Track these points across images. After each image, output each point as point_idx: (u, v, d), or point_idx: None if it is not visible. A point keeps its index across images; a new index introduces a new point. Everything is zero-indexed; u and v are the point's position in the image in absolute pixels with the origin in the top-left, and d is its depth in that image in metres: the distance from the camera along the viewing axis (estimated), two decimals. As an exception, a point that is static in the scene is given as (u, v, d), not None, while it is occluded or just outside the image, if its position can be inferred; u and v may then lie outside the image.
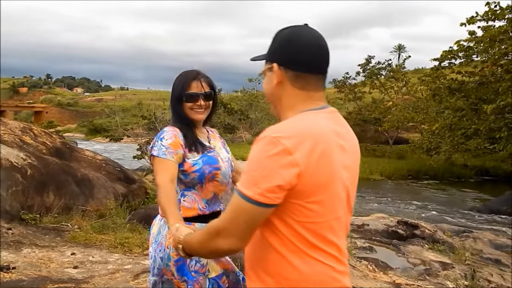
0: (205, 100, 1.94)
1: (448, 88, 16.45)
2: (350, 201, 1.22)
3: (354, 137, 1.27)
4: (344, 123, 1.24)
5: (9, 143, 5.93)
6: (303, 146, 1.06)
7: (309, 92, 1.19)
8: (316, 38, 1.19)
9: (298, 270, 1.11)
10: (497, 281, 4.88)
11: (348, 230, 1.27)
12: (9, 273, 3.55)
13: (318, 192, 1.09)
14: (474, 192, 17.44)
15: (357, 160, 1.25)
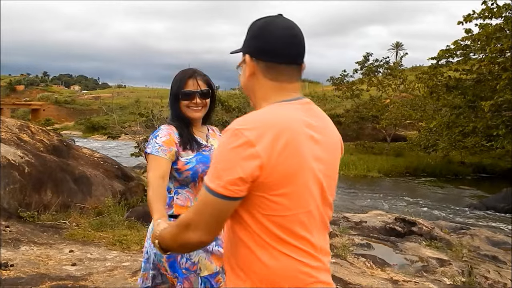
0: (202, 98, 1.93)
1: (446, 85, 16.47)
2: (326, 195, 1.17)
3: (334, 130, 1.24)
4: (321, 115, 1.21)
5: (6, 141, 5.92)
6: (265, 137, 1.03)
7: (282, 83, 1.17)
8: (288, 28, 1.17)
9: (265, 264, 1.10)
10: (494, 278, 4.90)
11: (328, 226, 1.22)
12: (8, 270, 3.55)
13: (283, 185, 1.06)
14: (471, 189, 17.49)
15: (335, 153, 1.22)
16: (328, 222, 1.22)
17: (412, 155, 23.91)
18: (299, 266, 1.10)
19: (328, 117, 1.26)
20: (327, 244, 1.22)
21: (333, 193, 1.23)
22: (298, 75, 1.20)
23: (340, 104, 35.78)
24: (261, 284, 1.11)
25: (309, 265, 1.12)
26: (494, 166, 21.53)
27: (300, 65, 1.19)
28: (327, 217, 1.20)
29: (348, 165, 21.04)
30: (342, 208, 11.82)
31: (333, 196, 1.23)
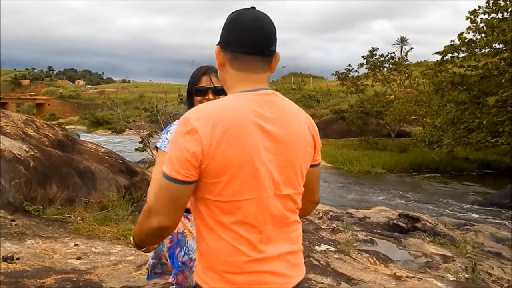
0: (215, 94, 1.93)
1: (451, 82, 16.37)
2: (280, 186, 1.17)
3: (298, 123, 1.23)
4: (281, 107, 1.20)
5: (11, 135, 5.95)
6: (207, 125, 1.08)
7: (246, 74, 1.19)
8: (255, 19, 1.18)
9: (209, 247, 1.16)
10: (497, 274, 4.90)
11: (291, 218, 1.22)
12: (13, 263, 3.59)
13: (224, 171, 1.10)
14: (476, 186, 17.43)
15: (294, 145, 1.19)
16: (289, 214, 1.21)
17: (417, 151, 23.83)
18: (235, 252, 1.14)
19: (300, 110, 1.27)
20: (288, 236, 1.22)
21: (294, 186, 1.21)
22: (265, 66, 1.21)
23: (345, 100, 35.67)
24: (207, 265, 1.17)
25: (245, 254, 1.14)
26: (499, 162, 21.42)
27: (267, 56, 1.21)
28: (286, 209, 1.20)
29: (352, 161, 21.00)
30: (345, 204, 11.82)
31: (296, 188, 1.22)
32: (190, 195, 1.15)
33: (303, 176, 1.23)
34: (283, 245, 1.20)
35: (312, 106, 40.78)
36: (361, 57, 29.96)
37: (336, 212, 7.56)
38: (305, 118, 1.27)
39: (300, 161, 1.21)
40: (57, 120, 30.90)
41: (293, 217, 1.23)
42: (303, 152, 1.23)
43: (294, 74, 55.15)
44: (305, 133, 1.24)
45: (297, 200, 1.24)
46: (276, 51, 1.23)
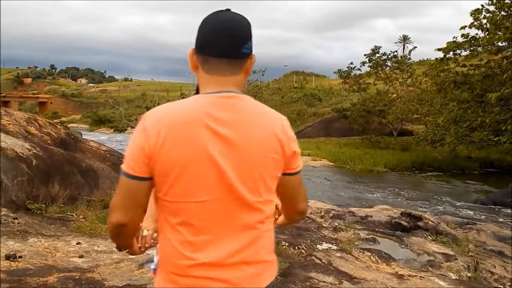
0: None
1: (454, 81, 16.33)
2: (239, 193, 1.14)
3: (259, 128, 1.16)
4: (242, 110, 1.16)
5: (14, 134, 5.96)
6: (156, 124, 1.11)
7: (214, 76, 1.18)
8: (224, 21, 1.17)
9: (161, 248, 1.19)
10: (499, 273, 4.89)
11: (249, 225, 1.17)
12: (16, 261, 3.60)
13: (170, 171, 1.11)
14: (478, 184, 17.39)
15: (251, 152, 1.14)
16: (249, 222, 1.17)
17: (419, 150, 23.79)
18: (179, 254, 1.14)
19: (268, 114, 1.20)
20: (247, 244, 1.17)
21: (256, 193, 1.16)
22: (233, 69, 1.19)
23: (347, 98, 35.64)
24: (160, 264, 1.20)
25: (189, 257, 1.13)
26: (502, 161, 21.36)
27: (235, 59, 1.18)
28: (245, 216, 1.16)
29: (354, 160, 20.98)
30: (347, 202, 11.81)
31: (259, 196, 1.17)
32: (147, 193, 1.15)
33: (266, 183, 1.17)
34: (239, 253, 1.16)
35: (314, 104, 40.76)
36: (364, 56, 29.93)
37: (338, 210, 7.56)
38: (274, 123, 1.19)
39: (261, 168, 1.16)
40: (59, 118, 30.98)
41: (256, 225, 1.18)
42: (265, 159, 1.16)
43: (296, 72, 55.06)
44: (267, 139, 1.16)
45: (262, 208, 1.18)
46: (251, 53, 1.20)
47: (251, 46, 1.19)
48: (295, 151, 1.22)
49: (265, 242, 1.21)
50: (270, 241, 1.24)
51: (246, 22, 1.20)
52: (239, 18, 1.19)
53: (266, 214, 1.20)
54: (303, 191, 1.33)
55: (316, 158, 22.07)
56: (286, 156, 1.19)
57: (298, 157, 1.24)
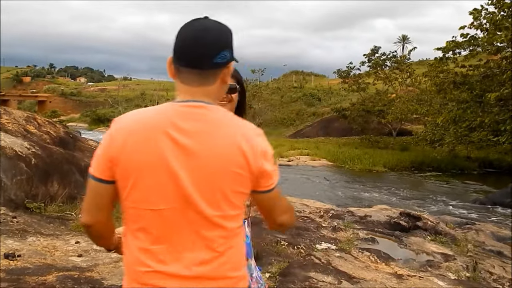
0: (227, 92, 1.93)
1: (453, 82, 16.34)
2: (196, 205, 1.11)
3: (223, 140, 1.12)
4: (208, 121, 1.13)
5: (13, 132, 5.95)
6: (120, 130, 1.13)
7: (186, 86, 1.17)
8: (194, 31, 1.14)
9: (124, 253, 1.20)
10: (498, 273, 4.89)
11: (210, 239, 1.13)
12: (15, 260, 3.59)
13: (128, 177, 1.11)
14: (477, 184, 17.41)
15: (211, 164, 1.10)
16: (208, 235, 1.13)
17: (418, 150, 23.82)
18: (137, 261, 1.14)
19: (234, 127, 1.16)
20: (207, 258, 1.13)
21: (216, 206, 1.12)
22: (203, 80, 1.16)
23: (346, 98, 35.65)
24: (125, 269, 1.20)
25: (145, 264, 1.13)
26: (501, 161, 21.40)
27: (205, 70, 1.15)
28: (204, 230, 1.12)
29: (353, 159, 21.00)
30: (346, 202, 11.82)
31: (219, 209, 1.12)
32: (110, 196, 1.16)
33: (227, 198, 1.12)
34: (199, 267, 1.12)
35: (314, 104, 40.78)
36: (363, 56, 29.95)
37: (337, 210, 7.56)
38: (240, 137, 1.13)
39: (221, 181, 1.11)
40: (58, 117, 30.99)
41: (217, 240, 1.14)
42: (225, 172, 1.11)
43: (296, 72, 55.10)
44: (229, 152, 1.11)
45: (223, 224, 1.13)
46: (226, 63, 1.17)
47: (226, 56, 1.16)
48: (266, 170, 1.15)
49: (229, 258, 1.16)
50: (236, 258, 1.19)
51: (220, 32, 1.16)
52: (213, 27, 1.15)
53: (230, 229, 1.15)
54: (282, 205, 1.27)
55: (315, 158, 22.09)
56: (253, 172, 1.13)
57: (271, 176, 1.18)
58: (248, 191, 1.17)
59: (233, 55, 1.20)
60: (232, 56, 1.19)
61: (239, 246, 1.21)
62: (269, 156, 1.17)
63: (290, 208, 1.32)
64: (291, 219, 1.32)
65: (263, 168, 1.14)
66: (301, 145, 26.25)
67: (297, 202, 7.77)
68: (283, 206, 1.27)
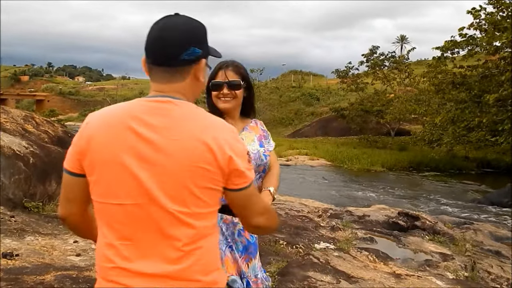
0: (230, 89, 1.92)
1: (452, 82, 16.37)
2: (159, 200, 1.08)
3: (190, 135, 1.09)
4: (175, 116, 1.12)
5: (11, 132, 5.94)
6: (89, 126, 1.15)
7: (156, 83, 1.17)
8: (160, 29, 1.15)
9: (96, 248, 1.20)
10: (497, 273, 4.90)
11: (172, 236, 1.09)
12: (13, 260, 3.58)
13: (92, 171, 1.12)
14: (475, 184, 17.44)
15: (177, 159, 1.08)
16: (173, 233, 1.09)
17: (416, 150, 23.86)
18: (103, 256, 1.14)
19: (202, 122, 1.13)
20: (170, 258, 1.10)
21: (181, 203, 1.09)
22: (171, 77, 1.16)
23: (345, 98, 35.68)
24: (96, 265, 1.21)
25: (110, 259, 1.12)
26: (499, 161, 21.45)
27: (171, 67, 1.15)
28: (168, 226, 1.09)
29: (352, 159, 21.03)
30: (345, 202, 11.83)
31: (184, 206, 1.09)
32: (81, 189, 1.17)
33: (194, 194, 1.09)
34: (164, 265, 1.09)
35: (312, 104, 40.78)
36: (361, 55, 29.99)
37: (335, 210, 7.57)
38: (208, 132, 1.11)
39: (186, 177, 1.08)
40: (56, 116, 30.91)
41: (184, 239, 1.10)
42: (190, 167, 1.08)
43: (294, 71, 55.08)
44: (195, 147, 1.08)
45: (191, 222, 1.10)
46: (196, 59, 1.16)
47: (196, 52, 1.15)
48: (237, 167, 1.11)
49: (197, 260, 1.11)
50: (205, 260, 1.13)
51: (188, 28, 1.15)
52: (180, 24, 1.15)
53: (198, 228, 1.11)
54: (258, 206, 1.22)
55: (313, 158, 22.11)
56: (222, 168, 1.10)
57: (243, 174, 1.13)
58: (219, 188, 1.13)
59: (207, 51, 1.20)
60: (206, 52, 1.20)
61: (211, 248, 1.16)
62: (241, 153, 1.13)
63: (268, 210, 1.27)
64: (270, 222, 1.26)
65: (233, 164, 1.11)
66: (299, 144, 26.28)
67: (295, 202, 7.78)
68: (259, 207, 1.22)
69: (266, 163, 1.97)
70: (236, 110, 1.99)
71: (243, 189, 1.16)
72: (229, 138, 1.13)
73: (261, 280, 1.93)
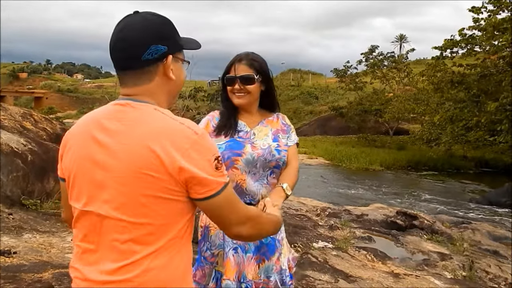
0: (243, 83, 1.86)
1: (450, 81, 16.38)
2: (110, 208, 1.04)
3: (140, 140, 1.03)
4: (130, 120, 1.07)
5: (9, 129, 5.92)
6: (68, 133, 1.20)
7: (123, 88, 1.14)
8: (117, 31, 1.11)
9: None
10: (495, 272, 4.91)
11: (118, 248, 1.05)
12: (11, 257, 3.57)
13: (68, 178, 1.16)
14: (474, 184, 17.47)
15: (125, 165, 1.03)
16: (118, 244, 1.05)
17: (415, 149, 23.87)
18: (72, 259, 1.17)
19: (154, 125, 1.05)
20: (117, 267, 1.05)
21: (127, 211, 1.03)
22: (136, 80, 1.11)
23: (343, 97, 35.66)
24: None
25: (73, 260, 1.15)
26: (497, 160, 21.47)
27: (130, 70, 1.11)
28: (117, 234, 1.04)
29: (350, 158, 21.03)
30: (343, 201, 11.83)
31: (130, 215, 1.03)
32: None
33: (139, 201, 1.02)
34: (108, 275, 1.05)
35: (311, 102, 40.75)
36: (361, 54, 29.98)
37: (334, 209, 7.57)
38: (155, 137, 1.03)
39: (135, 184, 1.02)
40: (55, 114, 30.84)
41: (131, 248, 1.04)
42: (138, 174, 1.02)
43: (294, 70, 55.00)
44: (140, 152, 1.02)
45: (137, 232, 1.03)
46: (159, 57, 1.10)
47: (159, 49, 1.09)
48: (193, 175, 1.02)
49: (147, 272, 1.04)
50: (157, 276, 1.04)
51: (145, 26, 1.09)
52: (136, 23, 1.09)
53: (148, 240, 1.04)
54: (236, 215, 1.12)
55: (312, 156, 22.11)
56: (174, 176, 1.01)
57: (206, 182, 1.04)
58: (176, 197, 1.04)
59: (175, 46, 1.14)
60: (175, 47, 1.14)
61: (166, 263, 1.06)
62: (197, 160, 1.02)
63: (252, 218, 1.17)
64: (257, 230, 1.19)
65: (186, 172, 1.01)
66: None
67: (294, 200, 7.77)
68: (238, 216, 1.12)
69: (280, 159, 1.87)
70: (251, 105, 1.93)
71: (210, 198, 1.06)
72: (183, 144, 1.02)
73: (274, 283, 1.83)
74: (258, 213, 1.25)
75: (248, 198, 1.83)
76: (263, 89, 1.92)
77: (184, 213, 1.08)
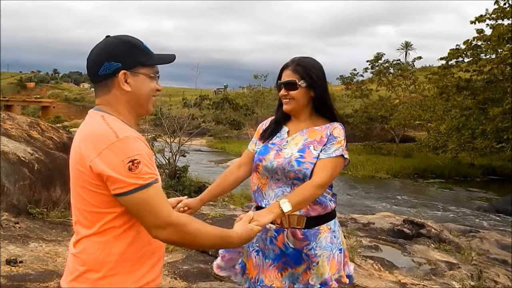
0: (287, 89, 1.82)
1: (456, 86, 16.33)
2: (74, 199, 1.31)
3: (79, 140, 1.27)
4: (83, 125, 1.32)
5: (16, 138, 5.96)
6: None
7: (95, 98, 1.37)
8: (90, 51, 1.34)
9: None
10: (503, 282, 4.84)
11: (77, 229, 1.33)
12: (16, 266, 3.58)
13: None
14: (481, 192, 17.33)
15: (73, 163, 1.29)
16: (76, 227, 1.32)
17: (421, 156, 23.77)
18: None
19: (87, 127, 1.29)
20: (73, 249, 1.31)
21: (76, 199, 1.30)
22: (99, 91, 1.33)
23: (349, 104, 35.64)
24: None
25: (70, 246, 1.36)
26: (504, 168, 21.31)
27: (95, 83, 1.33)
28: (75, 220, 1.32)
29: (356, 166, 20.95)
30: (349, 209, 11.77)
31: (78, 202, 1.29)
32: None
33: (78, 193, 1.27)
34: (72, 247, 1.32)
35: (316, 110, 40.72)
36: (366, 62, 29.99)
37: (339, 217, 7.51)
38: (83, 138, 1.25)
39: (73, 176, 1.29)
40: (62, 123, 31.08)
41: (80, 231, 1.29)
42: (74, 168, 1.27)
43: (299, 78, 55.12)
44: (76, 151, 1.27)
45: (77, 213, 1.30)
46: (112, 72, 1.28)
47: (111, 66, 1.27)
48: (101, 172, 1.18)
49: (85, 256, 1.27)
50: (82, 259, 1.28)
51: (104, 47, 1.31)
52: (99, 44, 1.32)
53: (88, 221, 1.26)
54: (152, 217, 1.19)
55: (318, 164, 22.05)
56: (90, 170, 1.20)
57: (115, 180, 1.17)
58: (99, 191, 1.21)
59: (128, 63, 1.29)
60: (126, 64, 1.29)
61: (99, 247, 1.24)
62: (110, 159, 1.17)
63: (173, 224, 1.20)
64: (178, 238, 1.23)
65: (97, 169, 1.18)
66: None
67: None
68: (156, 220, 1.19)
69: (299, 171, 1.77)
70: (299, 112, 1.87)
71: (121, 195, 1.18)
72: (101, 144, 1.18)
73: None
74: (186, 221, 1.24)
75: (265, 202, 1.83)
76: (313, 95, 1.84)
77: (115, 205, 1.22)
